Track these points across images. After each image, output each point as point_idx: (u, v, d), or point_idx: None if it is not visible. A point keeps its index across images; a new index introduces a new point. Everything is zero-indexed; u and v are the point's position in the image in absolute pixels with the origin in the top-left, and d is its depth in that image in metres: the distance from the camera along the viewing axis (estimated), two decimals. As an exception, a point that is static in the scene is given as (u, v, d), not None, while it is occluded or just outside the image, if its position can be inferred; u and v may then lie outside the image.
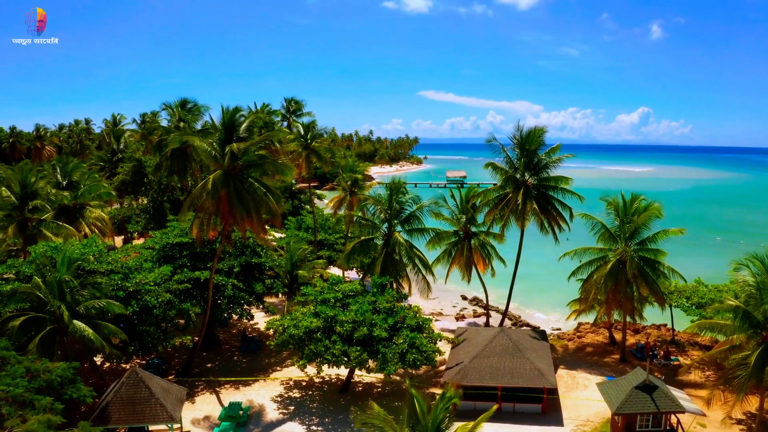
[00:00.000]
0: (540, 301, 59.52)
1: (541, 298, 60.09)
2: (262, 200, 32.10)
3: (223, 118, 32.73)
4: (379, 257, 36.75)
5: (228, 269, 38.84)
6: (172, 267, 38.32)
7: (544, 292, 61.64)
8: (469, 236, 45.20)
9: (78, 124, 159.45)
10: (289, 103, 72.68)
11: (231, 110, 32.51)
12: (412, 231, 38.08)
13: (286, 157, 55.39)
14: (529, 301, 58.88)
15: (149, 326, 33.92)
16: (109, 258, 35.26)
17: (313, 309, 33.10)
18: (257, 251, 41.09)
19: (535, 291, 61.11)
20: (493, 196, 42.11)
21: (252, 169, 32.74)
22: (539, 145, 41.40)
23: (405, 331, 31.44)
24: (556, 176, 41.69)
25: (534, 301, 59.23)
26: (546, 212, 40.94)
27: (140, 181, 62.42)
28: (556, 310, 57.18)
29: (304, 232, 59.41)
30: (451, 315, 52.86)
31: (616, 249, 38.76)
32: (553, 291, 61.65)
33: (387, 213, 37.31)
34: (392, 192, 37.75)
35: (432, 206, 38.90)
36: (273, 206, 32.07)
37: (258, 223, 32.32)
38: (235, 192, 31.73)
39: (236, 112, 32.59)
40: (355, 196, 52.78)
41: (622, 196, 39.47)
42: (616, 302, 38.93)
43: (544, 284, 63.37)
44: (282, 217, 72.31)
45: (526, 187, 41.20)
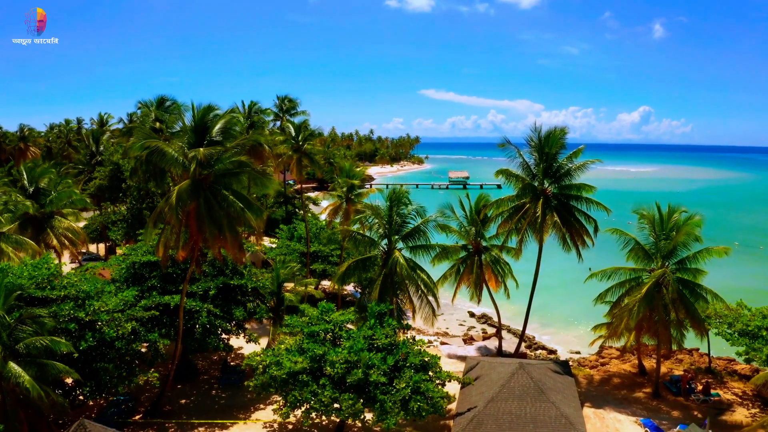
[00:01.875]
0: (555, 318, 54.43)
1: (555, 315, 55.01)
2: (238, 216, 27.05)
3: (193, 118, 27.70)
4: (377, 279, 31.66)
5: (203, 292, 33.76)
6: (139, 290, 33.39)
7: (558, 307, 56.58)
8: (479, 251, 40.13)
9: (68, 124, 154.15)
10: (282, 102, 67.50)
11: (202, 108, 27.45)
12: (416, 248, 32.94)
13: (276, 161, 50.44)
14: (543, 317, 53.76)
15: (108, 363, 28.97)
16: (64, 281, 30.28)
17: (300, 341, 28.03)
18: (239, 270, 36.01)
19: (549, 306, 55.95)
20: (507, 207, 37.02)
21: (227, 179, 27.70)
22: (560, 148, 36.36)
23: (408, 372, 26.36)
24: (578, 184, 36.61)
25: (548, 318, 54.13)
26: (568, 225, 35.85)
27: (118, 186, 57.38)
28: (573, 328, 52.18)
29: (297, 242, 54.36)
30: (459, 336, 47.75)
31: (651, 269, 33.69)
32: (569, 306, 56.63)
33: (386, 228, 32.20)
34: (392, 203, 32.62)
35: (438, 219, 33.76)
36: (252, 223, 27.00)
37: (233, 242, 27.25)
38: (205, 206, 26.70)
39: (209, 110, 27.53)
40: (352, 204, 47.72)
41: (658, 208, 34.40)
42: (650, 329, 33.87)
43: (559, 299, 58.35)
44: (273, 224, 67.39)
45: (546, 197, 36.13)
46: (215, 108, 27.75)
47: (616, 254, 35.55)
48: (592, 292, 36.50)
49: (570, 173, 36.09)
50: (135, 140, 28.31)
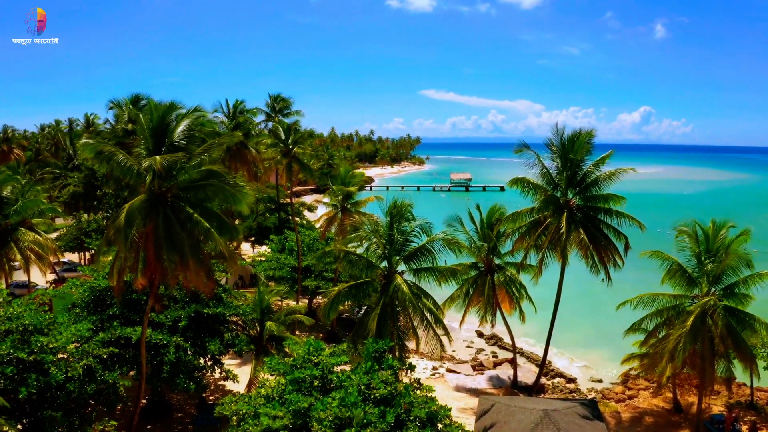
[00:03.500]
0: (569, 338, 49.41)
1: (570, 335, 50.00)
2: (207, 239, 22.31)
3: (151, 118, 22.94)
4: (375, 308, 26.86)
5: (173, 323, 28.99)
6: (99, 319, 28.71)
7: (572, 326, 51.63)
8: (491, 270, 35.37)
9: (59, 125, 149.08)
10: (274, 101, 62.70)
11: (162, 106, 22.69)
12: (420, 271, 28.09)
13: (264, 165, 45.67)
14: (557, 338, 48.28)
15: (57, 410, 24.29)
16: (9, 311, 25.53)
17: (283, 385, 23.21)
18: (217, 294, 31.24)
19: (562, 325, 50.73)
20: (525, 221, 32.25)
21: (193, 193, 22.94)
22: (586, 154, 31.64)
23: (412, 429, 21.54)
24: (605, 194, 31.84)
25: (562, 339, 49.06)
26: (596, 243, 31.07)
27: (93, 193, 52.63)
28: (590, 351, 47.39)
29: (288, 254, 49.56)
30: (466, 361, 42.90)
31: (695, 296, 28.93)
32: (585, 325, 51.87)
33: (386, 248, 27.37)
34: (393, 219, 27.79)
35: (447, 236, 28.85)
36: (221, 247, 22.21)
37: (199, 270, 22.44)
38: (164, 227, 21.93)
39: (170, 109, 22.75)
40: (348, 214, 42.93)
41: (699, 225, 29.64)
42: (693, 365, 29.12)
43: (572, 316, 53.38)
44: (266, 233, 62.55)
45: (570, 210, 31.38)
46: (178, 106, 22.99)
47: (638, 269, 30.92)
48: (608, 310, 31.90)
49: (598, 183, 31.34)
50: (86, 143, 23.55)
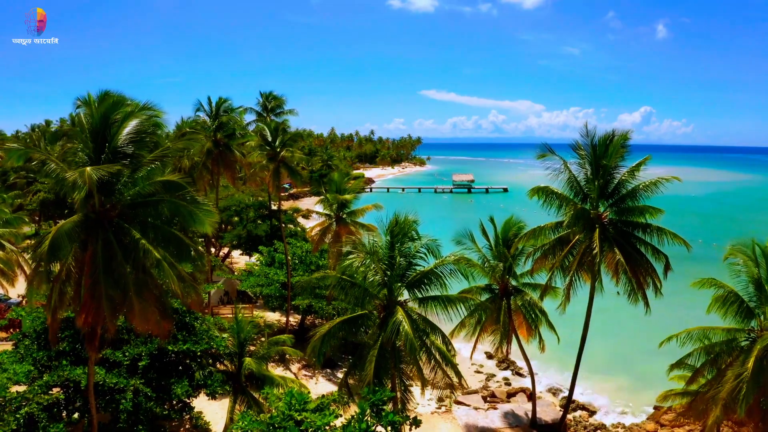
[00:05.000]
0: (588, 364, 44.33)
1: (588, 360, 44.94)
2: (160, 272, 17.60)
3: (91, 116, 18.27)
4: (373, 347, 22.21)
5: (131, 361, 24.34)
6: (47, 355, 24.14)
7: (591, 349, 46.68)
8: (507, 293, 30.69)
9: (49, 125, 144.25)
10: (266, 99, 57.80)
11: (105, 103, 18.01)
12: (427, 300, 23.42)
13: (251, 170, 41.03)
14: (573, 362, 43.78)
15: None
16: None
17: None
18: (187, 323, 26.59)
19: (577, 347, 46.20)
20: (549, 239, 27.57)
21: (141, 212, 18.26)
22: (620, 160, 26.99)
23: None
24: (641, 206, 27.15)
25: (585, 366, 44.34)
26: (634, 264, 26.37)
27: (65, 201, 48.01)
28: (612, 377, 42.77)
29: (277, 269, 44.92)
30: (476, 391, 38.14)
31: (750, 330, 24.21)
32: (604, 348, 47.02)
33: (385, 273, 22.68)
34: (394, 238, 23.08)
35: (459, 257, 24.11)
36: (174, 286, 17.39)
37: (143, 312, 17.69)
38: (104, 257, 17.25)
39: (114, 106, 18.03)
40: (344, 226, 38.29)
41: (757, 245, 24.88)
42: (752, 415, 24.39)
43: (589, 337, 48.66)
44: (257, 242, 57.83)
45: (602, 225, 26.71)
46: (126, 102, 18.30)
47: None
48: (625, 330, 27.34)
49: (635, 194, 26.67)
50: (9, 149, 18.93)
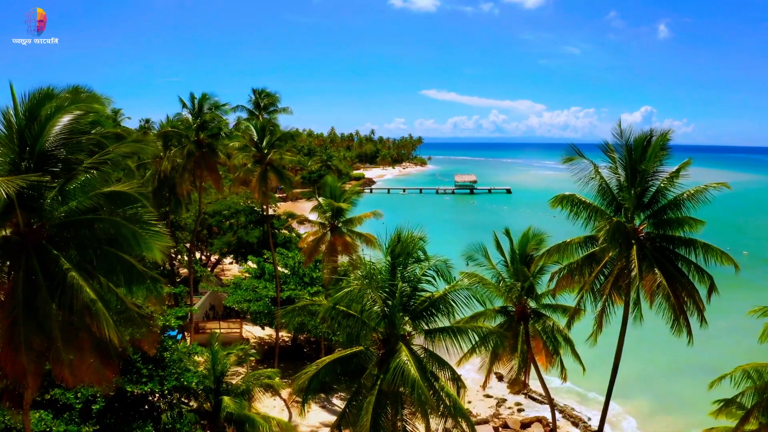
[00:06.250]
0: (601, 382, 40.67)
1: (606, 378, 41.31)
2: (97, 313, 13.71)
3: (15, 114, 14.44)
4: (371, 392, 18.38)
5: (84, 404, 20.46)
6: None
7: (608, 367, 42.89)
8: (525, 316, 26.81)
9: None
10: (258, 96, 54.06)
11: (31, 97, 14.20)
12: (435, 333, 19.59)
13: (236, 174, 37.10)
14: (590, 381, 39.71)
15: None
16: None
17: None
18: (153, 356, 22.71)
19: (594, 365, 42.15)
20: (576, 256, 23.69)
21: (74, 233, 14.42)
22: (659, 163, 23.14)
23: None
24: (681, 218, 23.29)
25: (597, 383, 40.27)
26: (677, 287, 22.48)
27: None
28: (629, 399, 38.90)
29: (267, 281, 41.10)
30: (486, 420, 34.35)
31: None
32: (623, 366, 43.02)
33: (386, 303, 18.83)
34: (396, 260, 19.21)
35: (472, 279, 20.26)
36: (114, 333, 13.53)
37: (87, 360, 13.88)
38: (24, 292, 13.43)
39: (42, 101, 14.22)
40: (340, 236, 34.47)
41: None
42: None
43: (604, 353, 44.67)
44: (248, 249, 54.06)
45: (639, 241, 22.85)
46: (52, 92, 14.47)
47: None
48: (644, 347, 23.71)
49: (679, 204, 22.80)
50: None
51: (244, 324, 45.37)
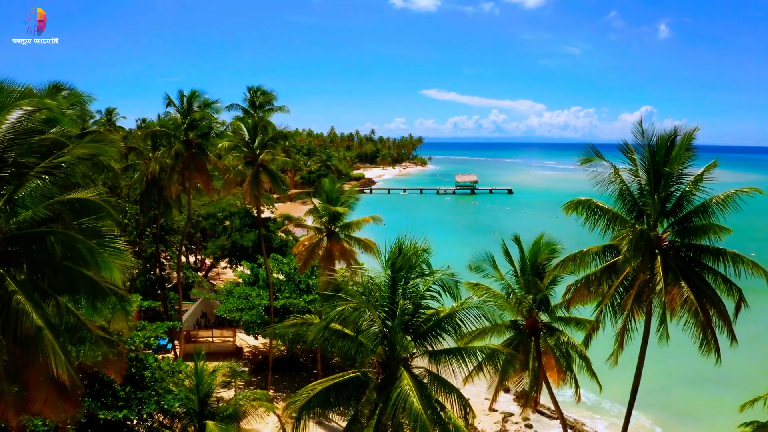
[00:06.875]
0: (613, 395, 38.62)
1: (614, 390, 39.28)
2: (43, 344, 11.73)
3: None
4: (367, 423, 16.45)
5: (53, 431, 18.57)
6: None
7: (614, 379, 40.88)
8: (536, 331, 24.85)
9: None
10: (253, 94, 52.04)
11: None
12: (441, 355, 17.68)
13: (226, 177, 35.10)
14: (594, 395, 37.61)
15: None
16: None
17: None
18: (134, 374, 20.81)
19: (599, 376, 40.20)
20: (594, 269, 21.74)
21: (24, 248, 12.46)
22: (684, 166, 21.18)
23: None
24: (705, 225, 21.32)
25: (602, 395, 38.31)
26: (704, 301, 20.54)
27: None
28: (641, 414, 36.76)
29: (261, 288, 39.12)
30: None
31: None
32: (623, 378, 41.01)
33: (386, 323, 16.90)
34: (396, 274, 17.26)
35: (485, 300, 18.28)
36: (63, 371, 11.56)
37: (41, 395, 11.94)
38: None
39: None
40: (337, 242, 32.50)
41: None
42: None
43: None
44: (242, 253, 52.09)
45: (663, 251, 20.89)
46: (6, 89, 12.52)
47: None
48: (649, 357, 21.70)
49: (707, 210, 20.84)
50: None
51: (238, 332, 43.41)
